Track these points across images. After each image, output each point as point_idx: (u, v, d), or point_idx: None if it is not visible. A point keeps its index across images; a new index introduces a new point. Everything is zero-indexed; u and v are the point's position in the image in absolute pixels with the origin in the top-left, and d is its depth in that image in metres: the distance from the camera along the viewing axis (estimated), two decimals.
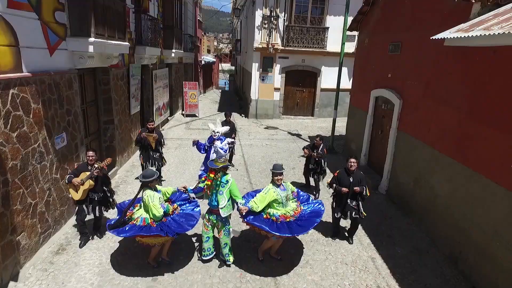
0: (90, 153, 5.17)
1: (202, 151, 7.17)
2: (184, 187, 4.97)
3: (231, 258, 4.94)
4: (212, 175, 4.62)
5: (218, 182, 4.58)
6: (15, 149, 4.35)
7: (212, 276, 4.75)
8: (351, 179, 5.39)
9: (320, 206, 5.09)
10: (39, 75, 4.86)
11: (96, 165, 5.08)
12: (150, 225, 4.40)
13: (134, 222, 4.43)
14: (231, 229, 4.90)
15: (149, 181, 4.46)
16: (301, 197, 5.29)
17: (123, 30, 7.24)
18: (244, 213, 4.59)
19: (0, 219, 4.10)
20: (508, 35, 3.46)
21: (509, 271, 4.20)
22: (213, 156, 6.69)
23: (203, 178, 4.88)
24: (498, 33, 3.58)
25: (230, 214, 4.83)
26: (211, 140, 7.08)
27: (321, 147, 7.21)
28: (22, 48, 4.49)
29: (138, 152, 9.62)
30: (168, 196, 4.85)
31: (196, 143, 7.07)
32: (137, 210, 4.63)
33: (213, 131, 7.00)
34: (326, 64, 15.51)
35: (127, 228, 4.38)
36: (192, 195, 5.01)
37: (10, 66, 4.26)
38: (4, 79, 4.10)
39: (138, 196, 4.72)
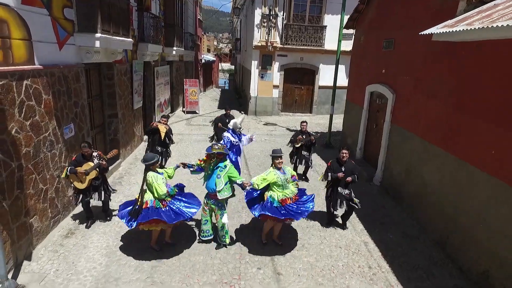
0: (86, 149, 5.35)
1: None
2: (182, 163, 5.17)
3: (227, 240, 5.26)
4: (205, 159, 4.99)
5: (211, 167, 4.96)
6: (28, 137, 4.64)
7: (213, 257, 5.04)
8: (343, 169, 5.67)
9: (311, 202, 5.18)
10: (50, 68, 5.15)
11: (95, 154, 5.43)
12: (155, 207, 4.68)
13: (145, 206, 4.71)
14: (225, 215, 5.14)
15: (150, 164, 4.72)
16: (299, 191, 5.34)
17: (127, 26, 7.53)
18: (247, 187, 4.92)
19: (15, 202, 4.40)
20: (487, 29, 3.75)
21: (491, 253, 4.49)
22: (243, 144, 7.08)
23: (198, 161, 5.17)
24: (478, 27, 3.87)
25: (227, 200, 5.16)
26: (236, 136, 7.22)
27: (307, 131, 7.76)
28: (35, 42, 4.78)
29: (140, 146, 9.96)
30: (170, 176, 5.06)
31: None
32: (145, 194, 4.88)
33: (238, 128, 7.22)
34: (324, 62, 15.81)
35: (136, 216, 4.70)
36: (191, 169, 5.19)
37: (24, 59, 4.55)
38: (18, 70, 4.39)
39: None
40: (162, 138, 7.58)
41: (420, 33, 5.29)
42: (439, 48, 5.80)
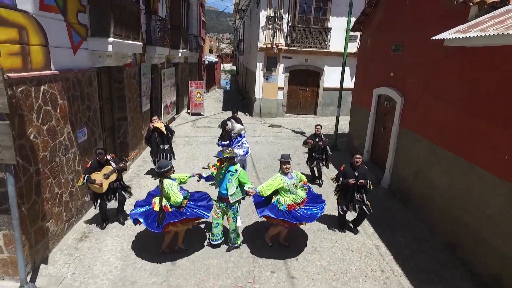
0: (102, 153, 5.46)
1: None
2: (198, 174, 5.25)
3: (239, 241, 5.38)
4: (217, 164, 5.03)
5: (223, 171, 5.01)
6: (45, 141, 4.69)
7: (227, 261, 5.09)
8: (356, 173, 5.71)
9: (321, 207, 5.22)
10: (65, 72, 5.20)
11: (109, 157, 5.56)
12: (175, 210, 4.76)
13: (166, 210, 4.74)
14: (238, 218, 5.19)
15: (165, 171, 4.72)
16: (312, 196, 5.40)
17: (137, 30, 7.59)
18: (252, 195, 4.96)
19: (33, 206, 4.45)
20: (502, 36, 3.79)
21: (503, 256, 4.52)
22: (238, 151, 7.05)
23: (211, 166, 5.31)
24: (493, 34, 3.91)
25: (239, 202, 5.21)
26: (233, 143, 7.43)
27: (321, 134, 7.81)
28: (51, 48, 4.82)
29: (149, 148, 9.98)
30: (183, 181, 5.06)
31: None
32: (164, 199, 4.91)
33: (232, 133, 7.37)
34: (329, 64, 15.86)
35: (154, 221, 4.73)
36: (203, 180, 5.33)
37: (42, 64, 4.60)
38: (36, 76, 4.44)
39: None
40: (165, 133, 7.67)
41: (432, 38, 5.33)
42: (449, 51, 5.83)
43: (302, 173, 5.43)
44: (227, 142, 7.77)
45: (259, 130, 13.72)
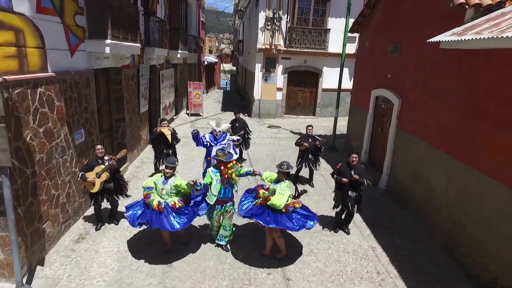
0: (99, 146, 5.54)
1: (198, 145, 7.09)
2: (193, 181, 4.85)
3: (231, 237, 5.49)
4: (229, 165, 4.99)
5: (232, 173, 5.03)
6: (41, 143, 4.70)
7: (223, 262, 5.10)
8: (352, 172, 5.72)
9: (311, 223, 5.04)
10: (62, 74, 5.20)
11: (107, 157, 5.53)
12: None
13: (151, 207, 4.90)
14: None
15: (166, 166, 4.97)
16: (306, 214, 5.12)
17: (135, 32, 7.60)
18: (256, 174, 5.24)
19: (29, 208, 4.46)
20: (496, 39, 3.80)
21: (500, 258, 4.53)
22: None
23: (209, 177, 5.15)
24: (488, 37, 3.92)
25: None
26: (212, 138, 7.14)
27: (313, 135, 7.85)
28: (48, 50, 4.82)
29: (146, 149, 10.02)
30: (185, 191, 4.98)
31: (196, 134, 6.91)
32: (152, 195, 5.01)
33: (215, 130, 7.10)
34: (328, 65, 15.87)
35: (139, 213, 4.93)
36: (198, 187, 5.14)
37: (38, 66, 4.61)
38: (33, 78, 4.45)
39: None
40: (170, 141, 7.66)
41: (428, 41, 5.34)
42: (447, 52, 5.82)
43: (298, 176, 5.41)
44: (205, 141, 7.12)
45: (258, 131, 13.72)
